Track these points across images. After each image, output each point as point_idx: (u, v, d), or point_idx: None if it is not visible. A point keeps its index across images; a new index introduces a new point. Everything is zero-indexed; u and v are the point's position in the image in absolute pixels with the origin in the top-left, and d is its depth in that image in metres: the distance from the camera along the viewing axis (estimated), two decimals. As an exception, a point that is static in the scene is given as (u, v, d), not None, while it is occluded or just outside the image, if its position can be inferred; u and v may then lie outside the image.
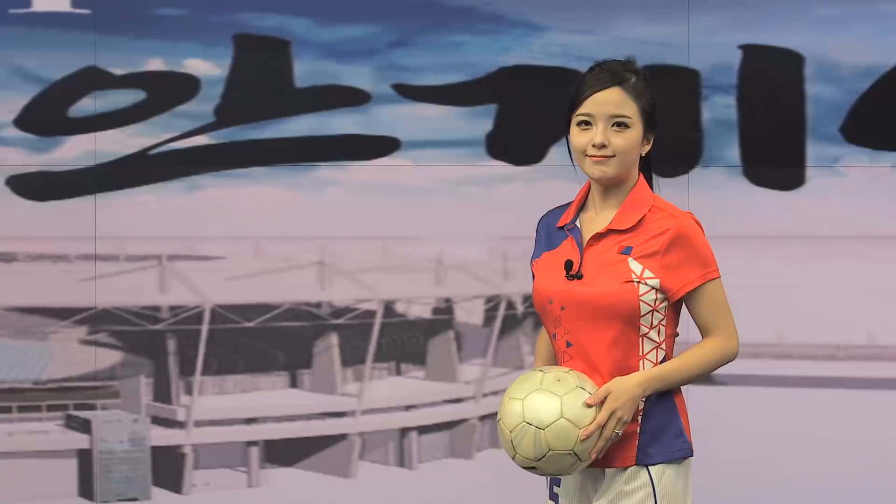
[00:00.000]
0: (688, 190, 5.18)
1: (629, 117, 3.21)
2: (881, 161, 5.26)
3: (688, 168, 5.24)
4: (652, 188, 3.32)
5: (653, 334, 3.20)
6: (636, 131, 3.22)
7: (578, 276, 3.19)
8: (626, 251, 3.19)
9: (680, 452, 3.23)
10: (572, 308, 3.19)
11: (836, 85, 5.25)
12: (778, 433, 5.25)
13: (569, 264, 3.21)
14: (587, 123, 3.21)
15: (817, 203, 5.26)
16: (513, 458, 3.16)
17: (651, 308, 3.18)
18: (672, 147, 5.10)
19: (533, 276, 3.36)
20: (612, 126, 3.20)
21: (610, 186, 3.25)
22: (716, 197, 5.21)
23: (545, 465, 3.11)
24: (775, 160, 5.26)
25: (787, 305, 5.24)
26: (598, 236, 3.23)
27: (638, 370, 3.19)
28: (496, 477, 5.30)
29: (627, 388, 3.13)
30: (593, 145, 3.20)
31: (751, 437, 5.21)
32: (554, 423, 3.09)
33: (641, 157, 3.28)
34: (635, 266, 3.17)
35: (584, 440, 3.09)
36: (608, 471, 3.21)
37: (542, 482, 3.38)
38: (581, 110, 3.21)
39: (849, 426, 5.25)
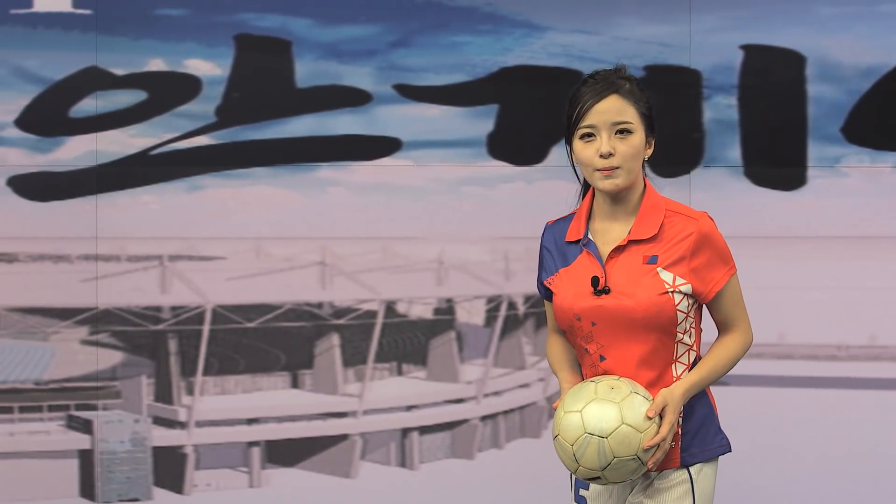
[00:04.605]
0: (689, 190, 5.18)
1: (631, 122, 3.21)
2: (882, 161, 5.26)
3: (689, 168, 5.24)
4: None
5: (685, 338, 3.23)
6: (639, 136, 3.23)
7: (606, 291, 3.19)
8: (653, 260, 3.20)
9: (720, 449, 3.27)
10: (605, 322, 3.19)
11: (838, 85, 5.25)
12: (779, 433, 5.25)
13: (595, 280, 3.20)
14: (590, 136, 3.21)
15: (818, 203, 5.26)
16: (574, 472, 3.13)
17: (685, 315, 3.20)
18: (673, 147, 5.11)
19: (547, 293, 3.34)
20: (616, 134, 3.20)
21: (618, 195, 3.25)
22: (717, 197, 5.21)
23: (610, 473, 3.10)
24: (776, 160, 5.26)
25: (789, 305, 5.24)
26: (619, 248, 3.22)
27: (671, 373, 3.21)
28: (497, 477, 5.30)
29: (676, 398, 3.15)
30: (600, 155, 3.19)
31: (752, 437, 5.21)
32: (616, 430, 3.07)
33: (644, 160, 3.28)
34: (666, 275, 3.18)
35: (646, 449, 3.09)
36: (651, 473, 3.23)
37: (541, 483, 3.38)
38: (583, 123, 3.21)
39: (850, 426, 5.25)
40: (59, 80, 5.25)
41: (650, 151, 3.28)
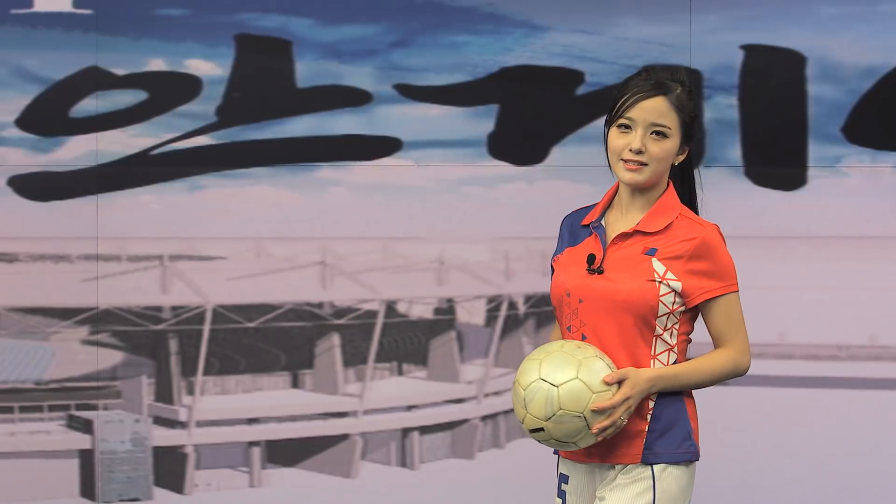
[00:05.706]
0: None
1: (669, 128, 3.24)
2: (883, 161, 5.26)
3: (689, 168, 5.24)
4: (696, 197, 3.37)
5: (666, 336, 3.23)
6: (673, 142, 3.25)
7: (600, 271, 3.23)
8: (651, 252, 3.23)
9: (686, 455, 3.26)
10: (591, 301, 3.23)
11: (838, 85, 5.25)
12: (779, 433, 5.25)
13: (591, 258, 3.24)
14: (627, 127, 3.24)
15: (819, 203, 5.26)
16: (522, 421, 3.17)
17: (668, 310, 3.21)
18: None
19: (553, 272, 3.37)
20: (651, 134, 3.23)
21: (638, 189, 3.28)
22: (717, 197, 5.15)
23: (553, 426, 3.11)
24: (777, 160, 5.26)
25: (789, 305, 5.24)
26: (624, 235, 3.26)
27: (647, 367, 3.22)
28: (498, 477, 5.30)
29: (640, 380, 3.16)
30: (630, 150, 3.22)
31: (751, 437, 5.21)
32: (568, 381, 3.10)
33: (673, 165, 3.31)
34: (658, 266, 3.21)
35: (594, 410, 3.10)
36: (615, 466, 3.24)
37: (541, 483, 3.38)
38: (624, 114, 3.23)
39: (851, 426, 5.25)
40: (59, 80, 5.26)
41: (682, 158, 3.32)
